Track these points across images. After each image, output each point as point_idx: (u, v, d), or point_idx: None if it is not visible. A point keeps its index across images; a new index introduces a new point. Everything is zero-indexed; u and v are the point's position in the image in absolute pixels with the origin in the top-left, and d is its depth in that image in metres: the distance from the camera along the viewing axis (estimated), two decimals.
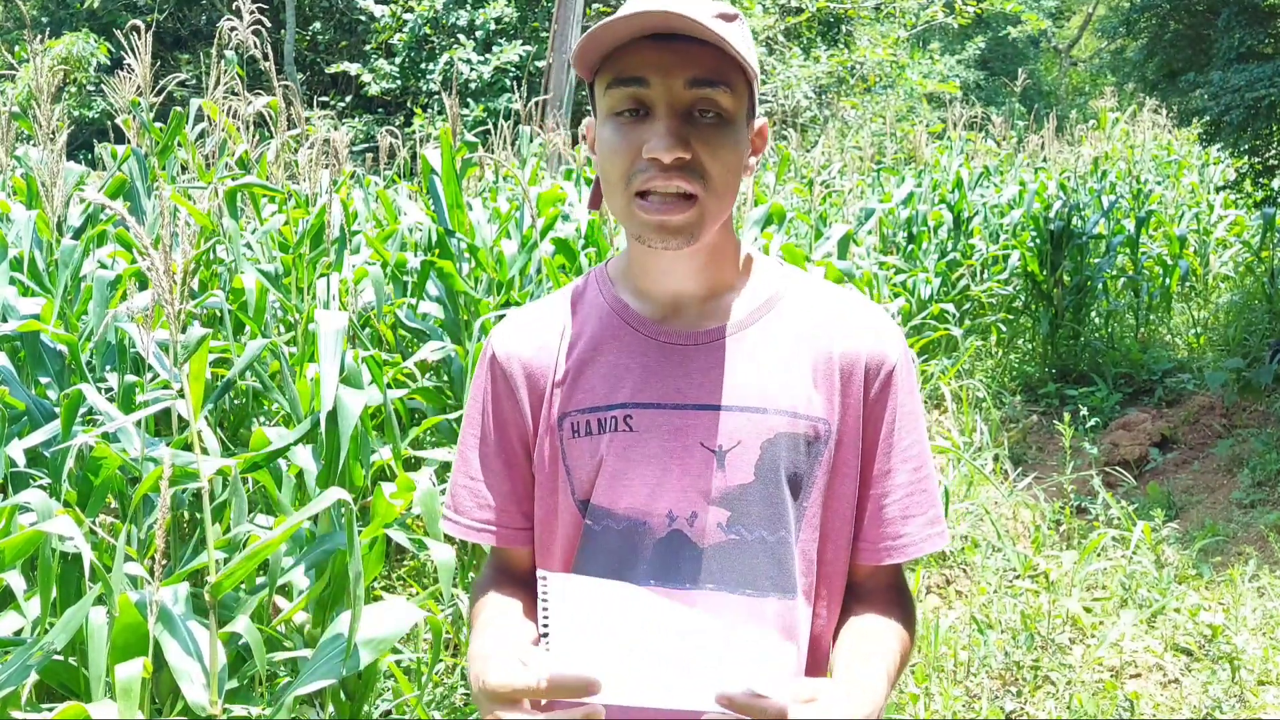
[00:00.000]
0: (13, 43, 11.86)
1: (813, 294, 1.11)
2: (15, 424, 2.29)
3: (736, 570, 1.02)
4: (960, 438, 4.67)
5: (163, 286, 1.61)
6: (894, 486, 1.07)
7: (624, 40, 0.98)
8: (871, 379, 1.07)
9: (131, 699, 1.58)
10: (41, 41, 3.65)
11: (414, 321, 3.33)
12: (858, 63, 11.89)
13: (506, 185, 4.95)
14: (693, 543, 1.03)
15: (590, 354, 1.09)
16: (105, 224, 3.13)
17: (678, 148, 0.96)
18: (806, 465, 1.04)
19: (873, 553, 1.08)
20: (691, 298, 1.08)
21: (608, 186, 1.03)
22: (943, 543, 1.09)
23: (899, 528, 1.07)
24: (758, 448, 1.03)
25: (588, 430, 1.06)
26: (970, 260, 6.66)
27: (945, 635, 3.05)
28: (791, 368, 1.06)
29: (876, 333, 1.08)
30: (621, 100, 0.99)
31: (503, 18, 11.36)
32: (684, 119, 0.98)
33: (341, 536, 2.11)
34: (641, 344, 1.07)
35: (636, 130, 0.98)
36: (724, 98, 0.98)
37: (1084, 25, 22.24)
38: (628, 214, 1.00)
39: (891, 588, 1.11)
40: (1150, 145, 10.43)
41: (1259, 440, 4.68)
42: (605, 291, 1.12)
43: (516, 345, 1.12)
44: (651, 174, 0.97)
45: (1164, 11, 6.06)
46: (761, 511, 1.03)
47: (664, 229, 0.98)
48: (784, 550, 1.03)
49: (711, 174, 0.98)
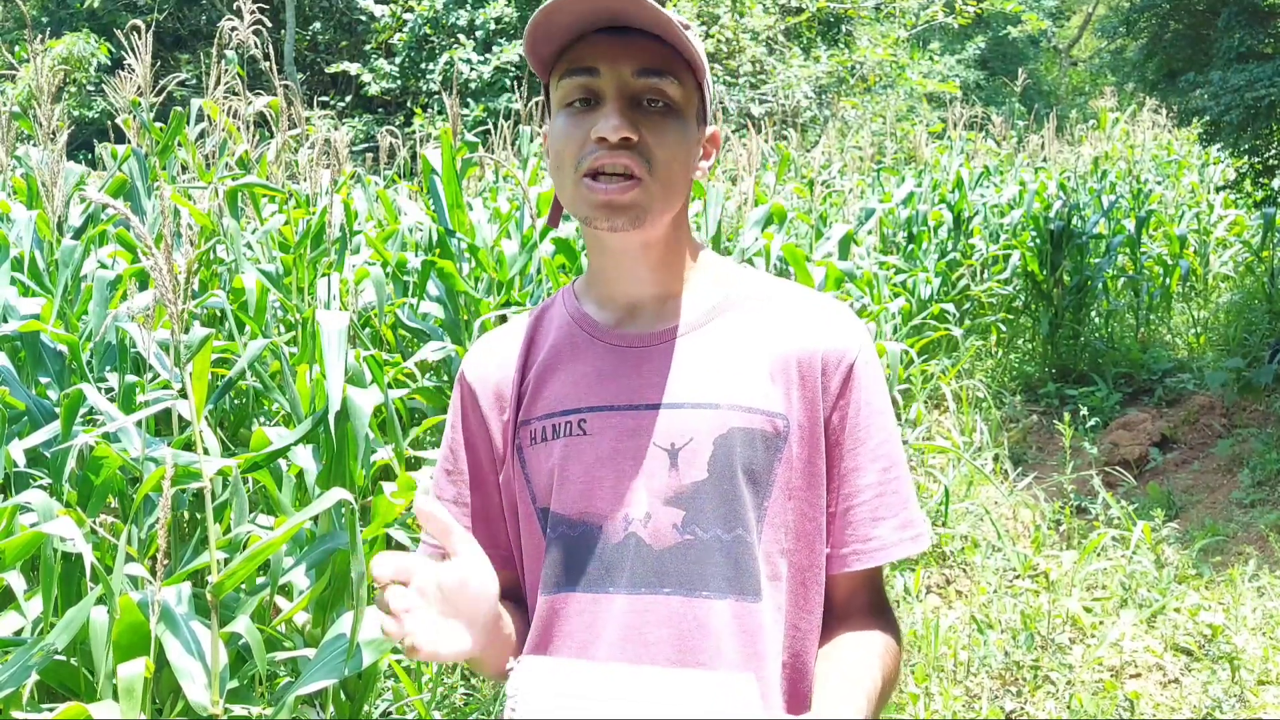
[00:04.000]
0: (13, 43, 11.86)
1: (769, 292, 1.10)
2: (16, 424, 2.29)
3: (690, 571, 1.00)
4: (960, 438, 4.68)
5: (165, 286, 1.61)
6: (862, 487, 1.04)
7: (575, 34, 1.01)
8: (830, 374, 1.05)
9: (134, 699, 1.58)
10: (42, 41, 3.65)
11: (414, 321, 3.33)
12: (858, 63, 11.89)
13: (507, 185, 4.95)
14: (648, 545, 1.01)
15: (551, 364, 1.10)
16: (106, 224, 3.13)
17: (624, 128, 0.98)
18: (765, 461, 1.02)
19: (840, 558, 1.04)
20: (647, 300, 1.09)
21: (559, 174, 1.04)
22: (918, 547, 1.05)
23: (868, 530, 1.03)
24: (710, 444, 1.01)
25: (543, 436, 1.07)
26: (970, 260, 6.66)
27: (945, 635, 3.05)
28: (746, 364, 1.05)
29: (834, 327, 1.07)
30: (573, 90, 1.01)
31: (503, 18, 11.35)
32: (632, 105, 1.00)
33: (342, 536, 2.12)
34: (598, 350, 1.08)
35: (587, 118, 1.01)
36: (672, 88, 1.01)
37: (1084, 25, 22.25)
38: (576, 196, 1.02)
39: (870, 600, 1.07)
40: (1150, 145, 10.43)
41: (1259, 440, 4.68)
42: (569, 305, 1.14)
43: (483, 366, 1.14)
44: (599, 154, 0.99)
45: (1164, 11, 6.06)
46: (716, 509, 1.01)
47: (609, 207, 0.99)
48: (741, 549, 1.00)
49: (658, 158, 1.00)
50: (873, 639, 1.03)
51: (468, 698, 2.66)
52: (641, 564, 1.00)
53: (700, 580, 1.00)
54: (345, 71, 11.87)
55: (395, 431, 2.48)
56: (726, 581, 1.00)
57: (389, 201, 4.36)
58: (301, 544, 2.24)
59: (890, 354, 4.43)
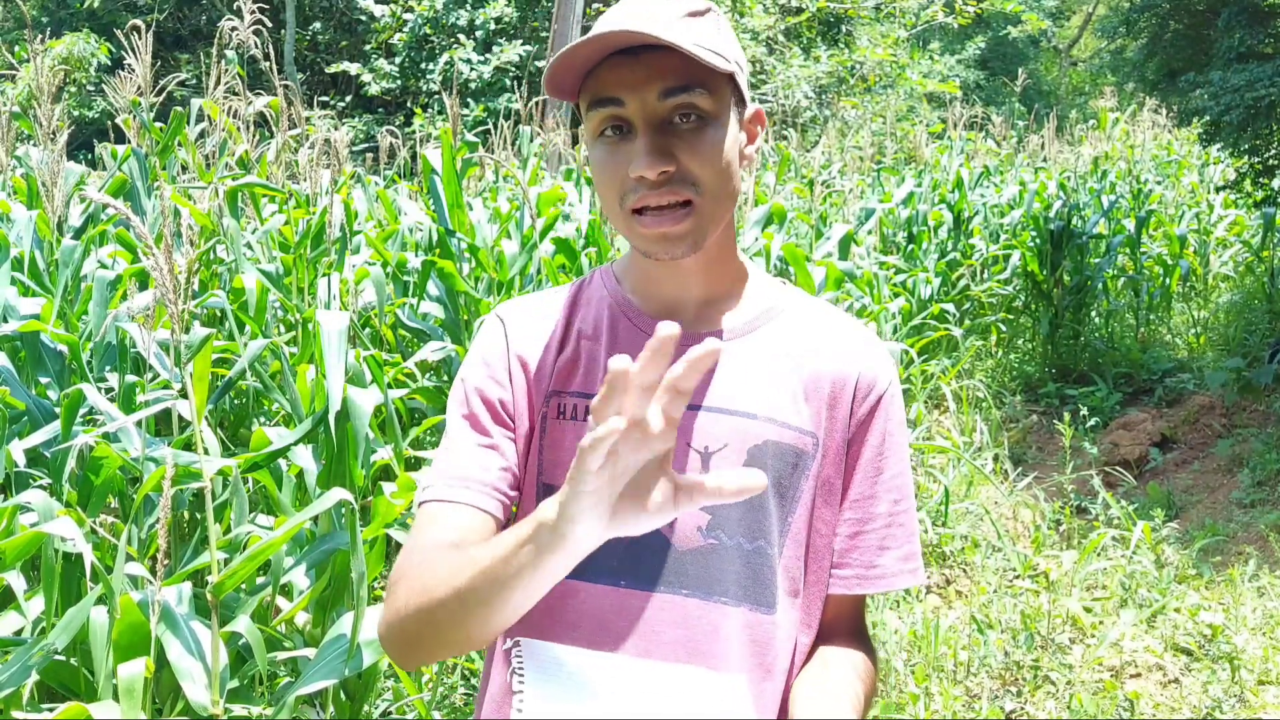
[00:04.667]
0: (13, 43, 11.86)
1: (808, 312, 1.11)
2: (16, 424, 2.29)
3: (709, 575, 1.00)
4: (960, 438, 4.68)
5: (166, 286, 1.61)
6: (874, 515, 1.06)
7: (593, 62, 0.99)
8: (860, 400, 1.06)
9: (135, 699, 1.58)
10: (42, 41, 3.65)
11: (414, 321, 3.33)
12: (858, 63, 11.89)
13: (507, 185, 4.95)
14: (669, 543, 1.01)
15: (591, 341, 1.09)
16: (106, 224, 3.13)
17: (659, 163, 0.96)
18: (792, 478, 1.03)
19: (842, 580, 1.06)
20: (690, 302, 1.08)
21: (606, 208, 1.04)
22: (916, 580, 1.07)
23: (874, 557, 1.05)
24: (744, 453, 1.02)
25: (574, 414, 1.05)
26: (970, 260, 6.66)
27: (945, 635, 3.05)
28: (782, 380, 1.05)
29: (869, 356, 1.08)
30: (602, 121, 1.00)
31: (503, 18, 11.36)
32: (664, 130, 0.98)
33: (342, 536, 2.12)
34: (641, 340, 1.07)
35: (622, 150, 0.99)
36: (701, 100, 0.98)
37: (1084, 25, 22.25)
38: (629, 232, 1.02)
39: (855, 623, 1.09)
40: (1150, 145, 10.44)
41: (1259, 440, 4.68)
42: (609, 286, 1.13)
43: (524, 322, 1.11)
44: (642, 192, 0.98)
45: (1164, 11, 6.06)
46: (742, 518, 1.01)
47: (665, 240, 0.99)
48: (761, 561, 1.02)
49: (702, 178, 0.99)
50: (855, 658, 1.04)
51: (467, 698, 2.66)
52: (663, 562, 1.01)
53: (719, 586, 1.01)
54: (345, 71, 11.87)
55: (395, 432, 2.48)
56: (743, 590, 1.01)
57: (389, 201, 4.36)
58: (301, 544, 2.24)
59: (890, 354, 4.43)
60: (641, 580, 1.00)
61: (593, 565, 1.00)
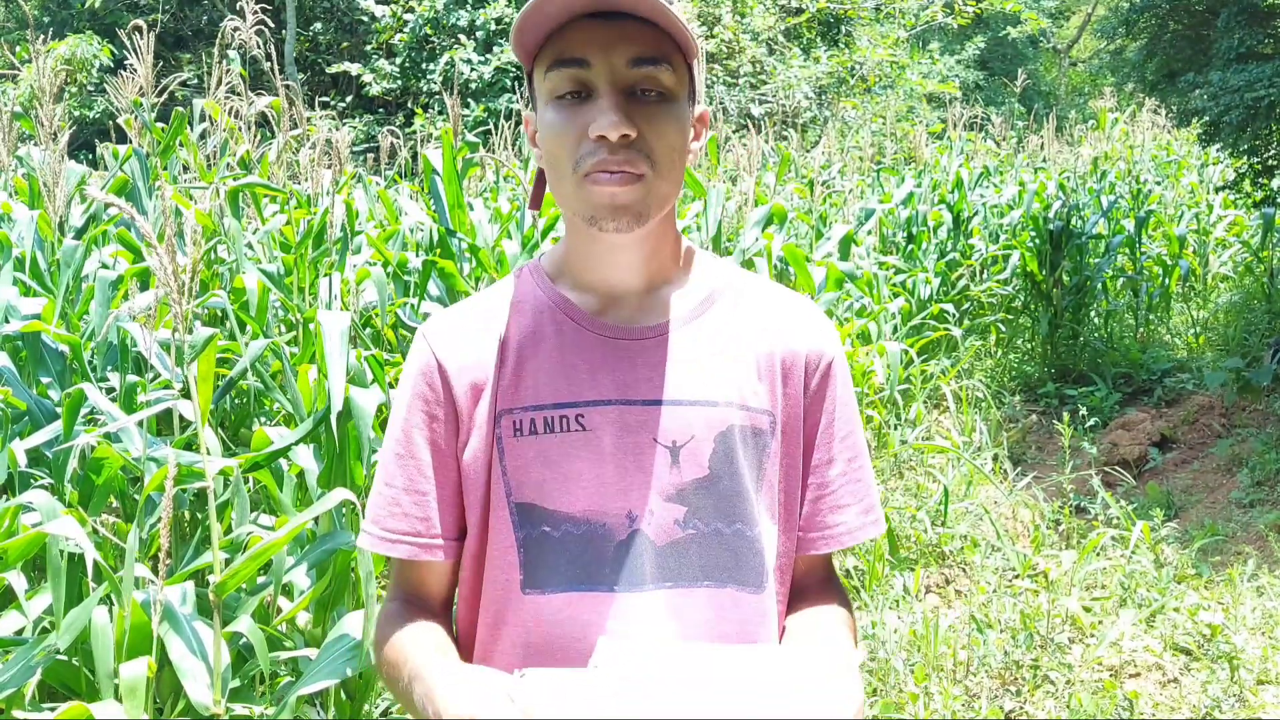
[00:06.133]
0: (15, 43, 11.86)
1: (752, 290, 1.12)
2: (17, 424, 2.29)
3: (693, 565, 1.02)
4: (960, 437, 4.68)
5: (170, 286, 1.62)
6: (833, 477, 1.09)
7: (562, 20, 0.97)
8: (811, 373, 1.09)
9: (137, 698, 1.59)
10: (44, 42, 3.65)
11: (415, 321, 3.34)
12: (858, 63, 11.89)
13: (507, 185, 4.96)
14: (651, 541, 1.01)
15: (532, 349, 1.05)
16: (107, 224, 3.14)
17: (624, 125, 0.95)
18: (757, 457, 1.05)
19: (808, 542, 1.09)
20: (631, 290, 1.07)
21: (554, 172, 1.01)
22: (877, 531, 1.11)
23: (836, 516, 1.09)
24: (711, 441, 1.03)
25: (532, 429, 1.02)
26: (970, 260, 6.67)
27: (945, 635, 3.06)
28: (737, 361, 1.06)
29: (814, 331, 1.11)
30: (563, 82, 0.98)
31: (503, 18, 11.35)
32: (627, 97, 0.97)
33: (343, 536, 2.12)
34: (586, 340, 1.05)
35: (580, 112, 0.97)
36: (666, 76, 0.98)
37: (1083, 25, 22.24)
38: (577, 196, 0.99)
39: (828, 578, 1.13)
40: (1150, 145, 10.45)
41: (1258, 440, 4.69)
42: (542, 285, 1.09)
43: (455, 345, 1.07)
44: (601, 155, 0.96)
45: (1163, 12, 6.06)
46: (717, 505, 1.02)
47: (615, 207, 0.97)
48: (741, 543, 1.03)
49: (657, 152, 0.98)
50: (835, 612, 1.08)
51: None
52: (648, 561, 1.01)
53: (702, 572, 1.02)
54: (346, 72, 11.88)
55: None
56: (727, 573, 1.03)
57: (390, 201, 4.37)
58: (303, 544, 2.24)
59: (890, 354, 4.44)
60: (633, 583, 1.01)
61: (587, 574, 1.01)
